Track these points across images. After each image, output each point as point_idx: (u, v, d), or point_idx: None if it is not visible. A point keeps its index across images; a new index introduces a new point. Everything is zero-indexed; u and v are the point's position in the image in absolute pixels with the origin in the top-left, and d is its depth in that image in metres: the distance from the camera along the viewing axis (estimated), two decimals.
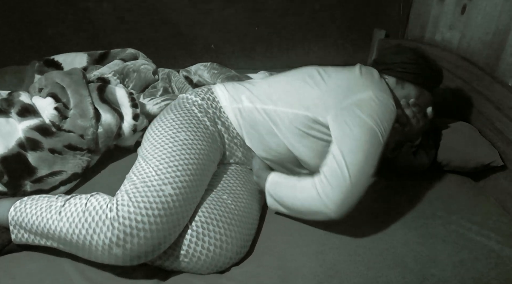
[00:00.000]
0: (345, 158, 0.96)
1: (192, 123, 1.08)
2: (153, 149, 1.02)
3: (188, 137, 1.04)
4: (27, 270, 0.93)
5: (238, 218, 1.00)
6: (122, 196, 0.91)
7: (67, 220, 0.90)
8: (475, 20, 1.49)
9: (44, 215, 0.93)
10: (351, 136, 0.98)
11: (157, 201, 0.90)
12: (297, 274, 0.93)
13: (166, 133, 1.04)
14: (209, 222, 0.96)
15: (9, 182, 1.09)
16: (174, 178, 0.94)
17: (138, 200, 0.90)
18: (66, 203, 0.94)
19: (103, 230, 0.87)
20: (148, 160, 0.99)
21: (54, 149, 1.16)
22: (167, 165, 0.96)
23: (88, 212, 0.90)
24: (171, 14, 1.92)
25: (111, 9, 1.89)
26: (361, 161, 0.96)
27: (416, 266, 0.94)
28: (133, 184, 0.94)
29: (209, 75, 1.64)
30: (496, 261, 0.96)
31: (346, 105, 1.03)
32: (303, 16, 1.99)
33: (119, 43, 1.81)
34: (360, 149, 0.97)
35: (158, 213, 0.89)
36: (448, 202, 1.15)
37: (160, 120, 1.11)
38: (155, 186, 0.92)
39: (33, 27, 1.89)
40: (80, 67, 1.52)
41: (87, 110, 1.23)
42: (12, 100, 1.22)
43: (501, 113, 1.23)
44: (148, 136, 1.08)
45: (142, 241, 0.87)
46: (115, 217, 0.87)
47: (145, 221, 0.88)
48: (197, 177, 0.99)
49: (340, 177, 0.94)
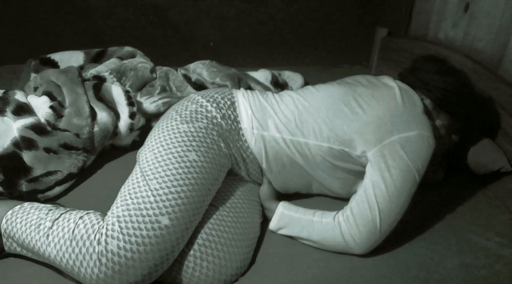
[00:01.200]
0: (379, 205, 0.92)
1: (206, 142, 0.97)
2: (155, 165, 0.92)
3: (198, 159, 0.94)
4: (24, 274, 0.92)
5: (238, 236, 0.95)
6: (113, 224, 0.84)
7: (54, 246, 0.85)
8: (478, 18, 1.48)
9: (33, 234, 0.89)
10: (390, 181, 0.93)
11: (150, 235, 0.83)
12: (298, 281, 0.91)
13: (175, 150, 0.94)
14: (207, 245, 0.91)
15: (4, 181, 1.08)
16: (173, 207, 0.86)
17: (130, 232, 0.83)
18: (54, 224, 0.89)
19: (90, 265, 0.81)
20: (147, 178, 0.90)
21: (50, 148, 1.15)
22: (168, 190, 0.88)
23: (75, 241, 0.84)
24: (169, 11, 1.91)
25: (108, 7, 1.88)
26: (395, 211, 0.93)
27: (419, 270, 0.93)
28: (126, 209, 0.86)
29: (208, 73, 1.62)
30: (500, 265, 0.94)
31: (389, 142, 0.96)
32: (305, 14, 1.98)
33: (117, 41, 1.79)
34: (396, 197, 0.93)
35: (151, 248, 0.83)
36: (452, 205, 1.14)
37: (171, 127, 1.00)
38: (151, 216, 0.85)
39: (29, 25, 1.88)
40: (77, 66, 1.51)
41: (83, 109, 1.21)
42: (7, 99, 1.21)
43: (506, 112, 1.22)
44: (153, 144, 0.98)
45: (131, 277, 0.82)
46: (103, 252, 0.81)
47: (135, 258, 0.82)
48: (199, 205, 0.91)
49: (370, 223, 0.91)
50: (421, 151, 0.95)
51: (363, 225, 0.92)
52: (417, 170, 0.95)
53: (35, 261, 0.95)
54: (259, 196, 1.11)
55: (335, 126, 1.01)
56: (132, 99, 1.32)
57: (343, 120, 1.01)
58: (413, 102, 1.02)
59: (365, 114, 1.00)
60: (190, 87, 1.56)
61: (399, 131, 0.96)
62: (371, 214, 0.92)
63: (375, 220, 0.91)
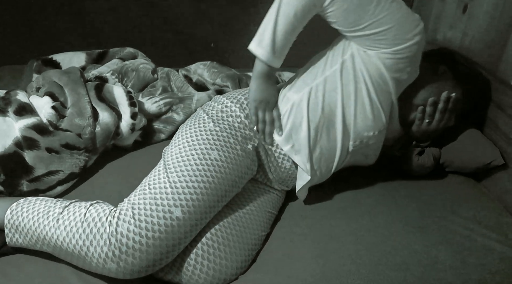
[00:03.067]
0: None
1: (229, 142, 1.00)
2: (178, 159, 0.95)
3: (220, 158, 0.96)
4: (24, 273, 0.92)
5: (242, 240, 0.96)
6: (127, 209, 0.87)
7: (64, 228, 0.88)
8: (477, 20, 1.48)
9: (41, 220, 0.91)
10: None
11: (161, 223, 0.86)
12: (297, 278, 0.92)
13: (198, 147, 0.97)
14: (210, 245, 0.92)
15: (6, 181, 1.08)
16: (188, 201, 0.89)
17: (142, 218, 0.86)
18: (64, 210, 0.92)
19: (100, 244, 0.84)
20: (169, 171, 0.93)
21: (51, 148, 1.15)
22: (185, 184, 0.91)
23: (87, 222, 0.87)
24: (171, 12, 1.92)
25: (109, 8, 1.88)
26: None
27: (418, 268, 0.93)
28: (143, 198, 0.89)
29: (208, 74, 1.63)
30: (498, 262, 0.95)
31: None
32: None
33: (118, 42, 1.80)
34: None
35: (159, 235, 0.85)
36: (450, 202, 1.15)
37: (198, 125, 1.03)
38: (165, 206, 0.88)
39: (31, 26, 1.88)
40: (79, 67, 1.51)
41: (85, 109, 1.22)
42: (9, 99, 1.21)
43: (503, 112, 1.22)
44: (179, 140, 1.01)
45: (137, 261, 0.85)
46: (113, 233, 0.84)
47: (142, 242, 0.84)
48: (213, 203, 0.93)
49: None
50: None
51: None
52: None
53: (37, 254, 0.95)
54: (275, 208, 1.11)
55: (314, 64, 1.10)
56: (134, 100, 1.33)
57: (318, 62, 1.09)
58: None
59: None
60: (191, 88, 1.56)
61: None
62: None
63: None
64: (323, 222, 1.07)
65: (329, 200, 1.15)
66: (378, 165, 1.22)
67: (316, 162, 1.07)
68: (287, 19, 0.96)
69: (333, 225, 1.06)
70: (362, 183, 1.22)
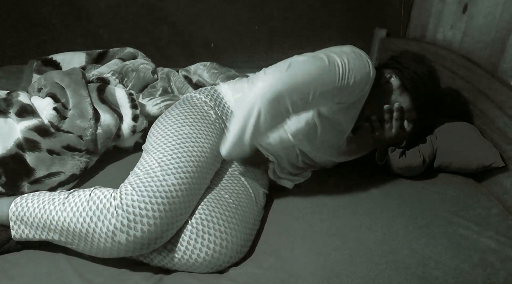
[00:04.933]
0: (291, 61, 0.98)
1: (197, 118, 1.10)
2: (157, 142, 1.04)
3: (193, 131, 1.06)
4: (26, 271, 0.93)
5: (239, 217, 1.00)
6: (126, 187, 0.93)
7: (71, 209, 0.92)
8: (477, 19, 1.48)
9: (47, 207, 0.95)
10: (307, 56, 0.99)
11: (160, 190, 0.92)
12: (297, 276, 0.92)
13: (171, 127, 1.07)
14: (209, 220, 0.96)
15: (7, 183, 1.08)
16: (177, 169, 0.96)
17: (142, 189, 0.92)
18: (69, 195, 0.96)
19: (107, 217, 0.88)
20: (151, 153, 1.02)
21: (53, 149, 1.15)
22: (170, 156, 0.99)
23: (92, 201, 0.92)
24: (170, 13, 1.91)
25: (109, 8, 1.88)
26: (298, 72, 0.95)
27: (418, 267, 0.94)
28: (136, 176, 0.96)
29: (208, 75, 1.63)
30: (498, 262, 0.95)
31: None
32: (304, 15, 1.99)
33: (118, 42, 1.80)
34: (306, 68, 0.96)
35: (162, 201, 0.91)
36: (450, 203, 1.15)
37: (165, 116, 1.13)
38: (158, 177, 0.94)
39: (32, 26, 1.88)
40: (79, 67, 1.51)
41: (86, 111, 1.22)
42: (11, 100, 1.21)
43: (503, 113, 1.23)
44: (153, 132, 1.11)
45: (146, 228, 0.89)
46: (119, 205, 0.89)
47: (148, 208, 0.89)
48: (200, 169, 1.01)
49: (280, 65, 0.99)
50: (353, 57, 0.98)
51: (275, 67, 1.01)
52: (333, 59, 0.96)
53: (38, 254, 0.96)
54: (263, 182, 1.16)
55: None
56: (135, 102, 1.33)
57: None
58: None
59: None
60: (191, 89, 1.56)
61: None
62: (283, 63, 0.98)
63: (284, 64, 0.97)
64: (323, 220, 1.08)
65: (330, 198, 1.16)
66: (376, 166, 1.23)
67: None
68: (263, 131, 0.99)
69: (334, 223, 1.06)
70: (363, 181, 1.23)
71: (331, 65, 0.95)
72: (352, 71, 0.96)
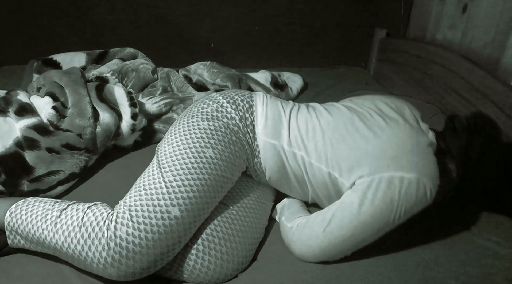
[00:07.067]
0: (331, 224, 0.92)
1: (224, 141, 0.99)
2: (172, 158, 0.94)
3: (215, 156, 0.95)
4: (26, 272, 0.92)
5: (242, 234, 0.96)
6: (124, 212, 0.86)
7: (62, 233, 0.87)
8: (476, 20, 1.48)
9: (39, 224, 0.90)
10: (366, 209, 0.91)
11: (159, 224, 0.85)
12: (298, 279, 0.92)
13: (193, 145, 0.95)
14: (211, 240, 0.92)
15: (6, 181, 1.08)
16: (184, 199, 0.88)
17: (140, 220, 0.85)
18: (62, 213, 0.91)
19: (98, 249, 0.83)
20: (163, 170, 0.92)
21: (52, 148, 1.15)
22: (181, 182, 0.90)
23: (84, 227, 0.86)
24: (170, 12, 1.92)
25: (109, 8, 1.88)
26: (347, 239, 0.92)
27: (417, 269, 0.93)
28: (139, 199, 0.88)
29: (208, 74, 1.63)
30: (497, 264, 0.95)
31: (384, 176, 0.92)
32: (304, 15, 1.99)
33: (118, 42, 1.80)
34: (357, 229, 0.91)
35: (159, 236, 0.85)
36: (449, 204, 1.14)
37: (191, 123, 1.01)
38: (162, 206, 0.87)
39: (32, 26, 1.88)
40: (79, 67, 1.52)
41: (85, 110, 1.22)
42: (10, 99, 1.21)
43: (503, 112, 1.22)
44: (172, 138, 0.99)
45: (138, 263, 0.84)
46: (112, 237, 0.83)
47: (142, 245, 0.84)
48: (209, 200, 0.93)
49: (313, 237, 0.93)
50: (413, 197, 0.91)
51: (307, 234, 0.95)
52: (397, 215, 0.91)
53: (38, 254, 0.95)
54: (269, 198, 1.12)
55: (337, 150, 0.98)
56: (134, 100, 1.33)
57: (346, 145, 0.98)
58: (425, 146, 0.96)
59: (369, 144, 0.96)
60: (191, 88, 1.57)
61: (397, 169, 0.92)
62: (321, 229, 0.93)
63: (319, 235, 0.92)
64: None
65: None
66: None
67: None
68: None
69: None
70: None
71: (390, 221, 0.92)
72: (407, 213, 0.93)
